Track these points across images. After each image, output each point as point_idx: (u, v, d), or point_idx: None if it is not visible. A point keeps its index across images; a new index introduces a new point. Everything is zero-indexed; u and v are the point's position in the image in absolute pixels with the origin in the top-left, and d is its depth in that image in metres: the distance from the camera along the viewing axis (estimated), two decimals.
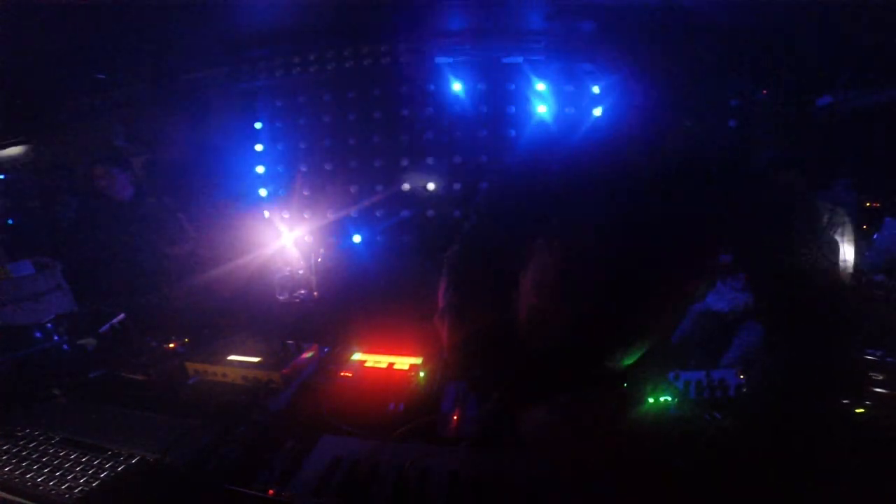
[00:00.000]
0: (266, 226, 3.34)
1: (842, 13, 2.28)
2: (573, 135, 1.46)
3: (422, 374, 1.46)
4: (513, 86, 3.30)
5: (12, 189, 3.59)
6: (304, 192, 3.61)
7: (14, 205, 3.47)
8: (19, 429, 1.17)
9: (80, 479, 0.98)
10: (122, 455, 1.06)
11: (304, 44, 3.31)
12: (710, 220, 1.20)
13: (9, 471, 1.01)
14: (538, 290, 1.16)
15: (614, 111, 1.45)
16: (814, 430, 1.12)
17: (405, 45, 3.23)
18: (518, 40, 3.14)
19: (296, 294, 3.21)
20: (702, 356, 2.67)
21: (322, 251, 3.40)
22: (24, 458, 1.05)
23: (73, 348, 1.72)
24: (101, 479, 0.98)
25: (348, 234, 3.49)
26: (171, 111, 3.50)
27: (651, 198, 1.13)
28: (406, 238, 3.53)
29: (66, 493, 0.94)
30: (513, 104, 3.33)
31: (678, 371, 1.40)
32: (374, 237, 3.56)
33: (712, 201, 1.21)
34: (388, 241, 3.56)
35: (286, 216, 3.52)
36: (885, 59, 2.72)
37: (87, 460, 1.04)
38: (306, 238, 3.41)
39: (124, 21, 2.48)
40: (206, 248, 2.97)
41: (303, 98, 3.54)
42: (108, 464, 1.03)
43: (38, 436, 1.14)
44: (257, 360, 1.50)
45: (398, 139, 3.50)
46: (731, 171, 1.39)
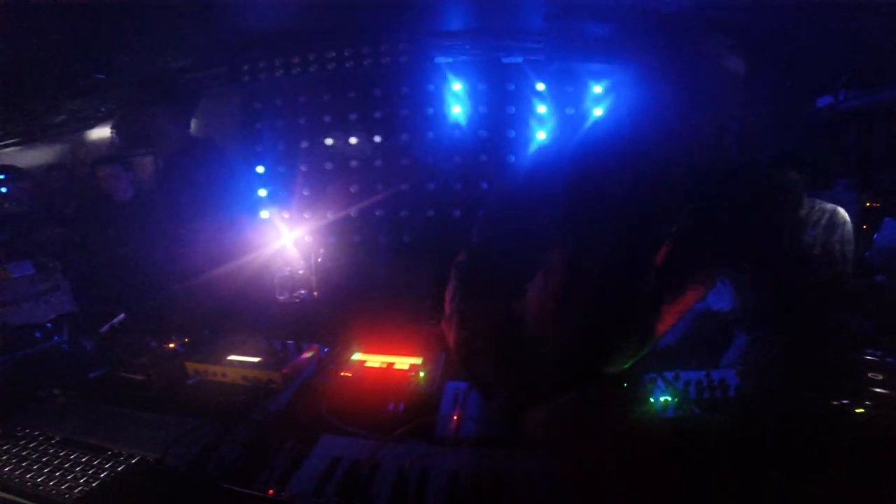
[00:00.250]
0: (266, 226, 3.34)
1: (842, 13, 2.29)
2: (576, 149, 1.46)
3: (422, 374, 1.46)
4: (512, 86, 3.30)
5: (12, 189, 3.58)
6: (305, 192, 3.61)
7: (14, 205, 3.47)
8: (19, 429, 1.17)
9: (80, 479, 0.98)
10: (122, 455, 1.06)
11: (304, 44, 3.31)
12: (710, 234, 1.22)
13: (9, 471, 1.01)
14: (541, 303, 1.20)
15: (620, 120, 1.45)
16: (813, 430, 1.12)
17: (405, 45, 3.23)
18: (518, 40, 3.14)
19: (296, 294, 3.21)
20: (702, 356, 2.67)
21: (322, 251, 3.40)
22: (24, 458, 1.05)
23: (73, 348, 1.72)
24: (101, 479, 0.98)
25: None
26: (171, 111, 3.50)
27: (654, 213, 1.15)
28: (406, 238, 3.53)
29: (66, 493, 0.94)
30: (513, 105, 3.33)
31: (678, 371, 1.40)
32: (375, 237, 3.56)
33: (713, 217, 1.24)
34: (388, 241, 3.56)
35: (286, 216, 3.52)
36: (886, 59, 2.72)
37: (87, 460, 1.04)
38: (306, 238, 3.41)
39: (124, 21, 2.49)
40: (206, 248, 2.97)
41: (303, 98, 3.54)
42: (108, 464, 1.03)
43: (38, 436, 1.14)
44: (257, 360, 1.50)
45: (398, 139, 3.50)
46: (732, 183, 1.39)
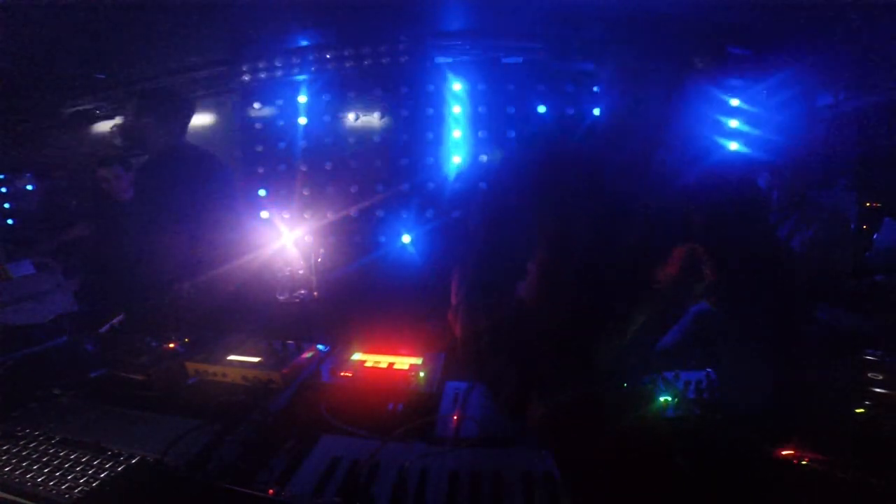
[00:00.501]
0: (266, 226, 3.34)
1: (842, 13, 2.29)
2: (565, 148, 1.51)
3: (422, 374, 1.46)
4: (512, 86, 3.30)
5: (12, 189, 3.59)
6: (304, 192, 3.61)
7: (14, 205, 3.47)
8: (19, 429, 1.17)
9: (80, 479, 0.98)
10: (122, 455, 1.06)
11: (304, 44, 3.31)
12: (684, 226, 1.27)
13: (9, 471, 1.01)
14: (528, 303, 1.28)
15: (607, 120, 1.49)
16: (813, 429, 1.12)
17: (405, 45, 3.23)
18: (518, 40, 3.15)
19: (296, 294, 3.21)
20: (702, 356, 2.67)
21: (322, 251, 3.40)
22: (24, 458, 1.05)
23: (73, 348, 1.72)
24: (101, 479, 0.98)
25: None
26: (171, 111, 3.50)
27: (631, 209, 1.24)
28: (407, 237, 3.53)
29: (66, 493, 0.94)
30: (512, 105, 3.33)
31: (678, 371, 1.40)
32: (374, 237, 3.56)
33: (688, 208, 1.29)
34: (388, 240, 3.56)
35: (286, 216, 3.52)
36: (886, 59, 2.72)
37: (87, 460, 1.04)
38: (306, 238, 3.41)
39: (124, 21, 2.49)
40: (206, 247, 2.97)
41: (303, 98, 3.54)
42: (108, 464, 1.03)
43: (38, 436, 1.14)
44: (257, 360, 1.50)
45: (398, 138, 3.50)
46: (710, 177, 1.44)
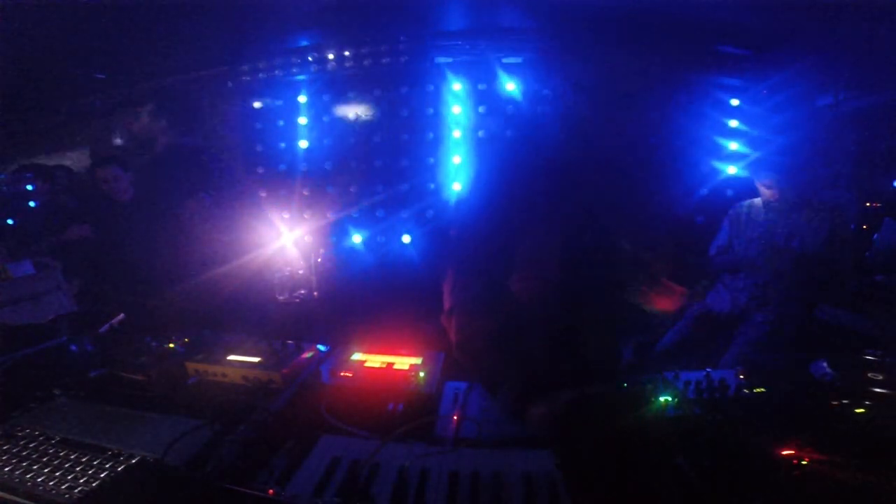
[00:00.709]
0: (266, 226, 3.34)
1: (842, 14, 2.29)
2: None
3: (422, 374, 1.46)
4: (512, 86, 3.30)
5: (12, 189, 3.58)
6: (304, 192, 3.61)
7: (14, 205, 3.47)
8: (19, 429, 1.17)
9: (80, 479, 0.98)
10: (122, 455, 1.06)
11: (304, 44, 3.31)
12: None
13: (9, 471, 1.01)
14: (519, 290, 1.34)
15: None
16: (813, 429, 1.12)
17: (405, 46, 3.23)
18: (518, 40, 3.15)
19: (296, 294, 3.21)
20: (702, 356, 2.68)
21: (322, 251, 3.40)
22: (24, 458, 1.05)
23: (73, 348, 1.72)
24: (101, 479, 0.98)
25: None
26: (172, 110, 3.50)
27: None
28: (407, 237, 3.53)
29: (66, 493, 0.94)
30: (512, 105, 3.33)
31: (678, 371, 1.40)
32: (375, 237, 3.56)
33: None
34: (388, 240, 3.56)
35: (286, 216, 3.52)
36: (886, 59, 2.72)
37: (87, 460, 1.04)
38: (306, 238, 3.41)
39: (124, 21, 2.49)
40: (207, 247, 2.97)
41: (303, 98, 3.54)
42: (108, 464, 1.03)
43: (38, 436, 1.14)
44: (257, 360, 1.50)
45: (398, 139, 3.50)
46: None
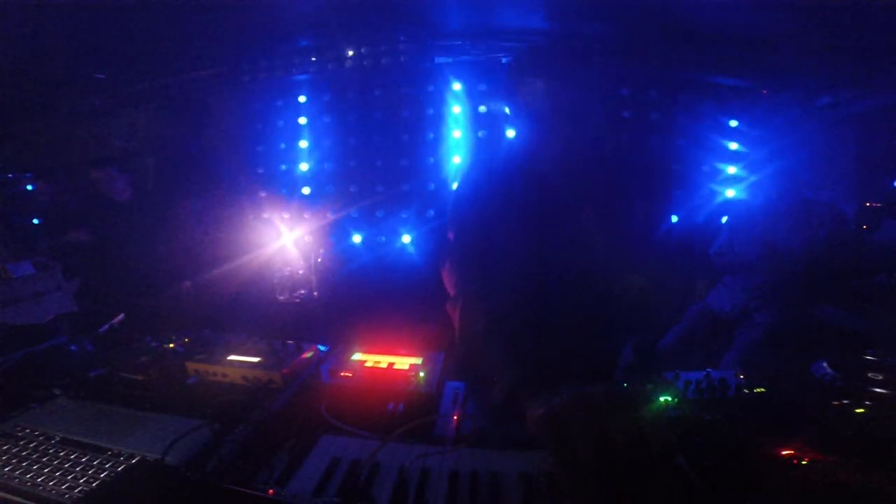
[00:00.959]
0: (266, 226, 3.35)
1: (843, 14, 2.29)
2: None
3: (422, 374, 1.46)
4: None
5: (13, 189, 3.59)
6: (305, 192, 3.61)
7: (14, 205, 3.47)
8: (19, 429, 1.17)
9: (80, 479, 0.98)
10: (122, 455, 1.06)
11: (304, 44, 3.31)
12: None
13: (9, 471, 1.01)
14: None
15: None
16: (813, 429, 1.12)
17: (405, 45, 3.23)
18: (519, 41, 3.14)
19: (296, 294, 3.22)
20: (702, 356, 2.68)
21: (322, 251, 3.40)
22: (24, 458, 1.05)
23: (73, 348, 1.72)
24: (101, 479, 0.98)
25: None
26: (171, 111, 3.50)
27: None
28: (407, 237, 3.52)
29: (66, 493, 0.94)
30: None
31: (678, 371, 1.40)
32: (375, 237, 3.56)
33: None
34: (388, 240, 3.56)
35: (286, 216, 3.52)
36: (886, 59, 2.72)
37: (87, 460, 1.04)
38: (306, 238, 3.41)
39: (124, 21, 2.49)
40: (206, 247, 2.97)
41: (303, 98, 3.54)
42: (108, 464, 1.03)
43: (38, 436, 1.14)
44: (257, 360, 1.50)
45: (398, 139, 3.50)
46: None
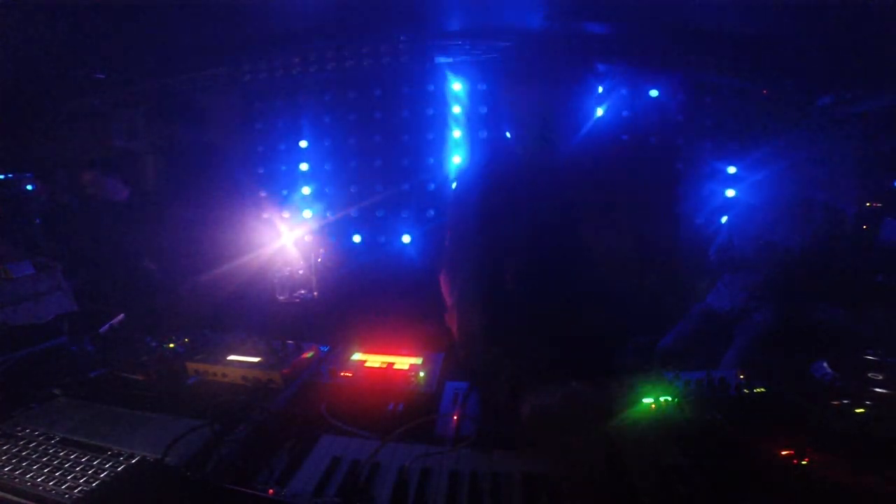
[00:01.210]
0: (266, 226, 3.35)
1: (843, 15, 2.29)
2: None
3: (422, 374, 1.46)
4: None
5: (12, 189, 3.58)
6: (305, 192, 3.61)
7: (14, 205, 3.47)
8: (19, 429, 1.17)
9: (80, 479, 0.98)
10: (122, 455, 1.06)
11: (304, 44, 3.31)
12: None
13: (9, 471, 1.01)
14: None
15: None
16: (813, 429, 1.12)
17: (405, 45, 3.23)
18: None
19: (296, 294, 3.22)
20: (702, 356, 2.68)
21: (322, 251, 3.40)
22: (24, 458, 1.05)
23: (73, 348, 1.72)
24: (101, 479, 0.98)
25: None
26: (171, 111, 3.50)
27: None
28: (407, 237, 3.53)
29: (66, 493, 0.94)
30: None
31: (678, 371, 1.40)
32: (375, 237, 3.56)
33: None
34: (388, 240, 3.56)
35: (286, 216, 3.52)
36: (886, 60, 2.72)
37: (87, 460, 1.04)
38: (306, 238, 3.41)
39: (124, 21, 2.48)
40: (206, 247, 2.97)
41: (303, 98, 3.54)
42: (108, 464, 1.03)
43: (38, 436, 1.14)
44: (257, 360, 1.50)
45: (398, 139, 3.50)
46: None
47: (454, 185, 1.60)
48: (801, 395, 1.27)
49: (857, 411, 1.18)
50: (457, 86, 3.34)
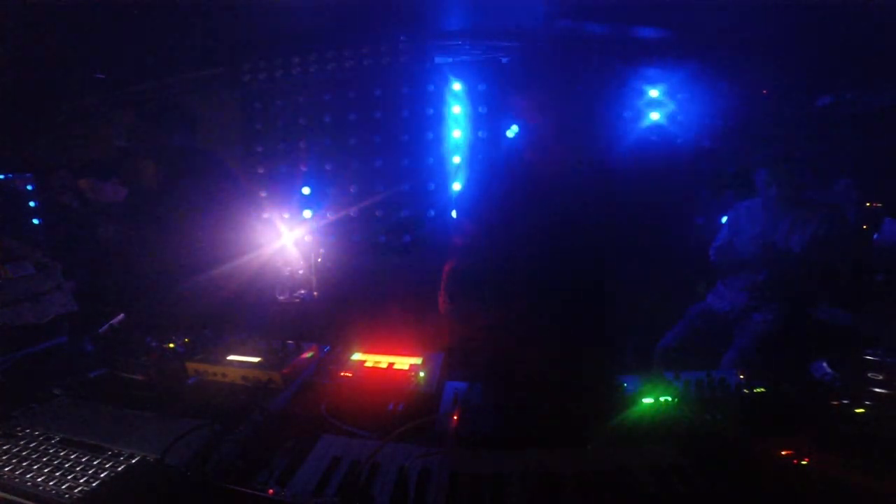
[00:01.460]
0: (266, 226, 3.34)
1: (842, 14, 2.29)
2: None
3: (422, 374, 1.46)
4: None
5: (13, 189, 3.59)
6: (304, 192, 3.61)
7: (14, 205, 3.48)
8: (19, 429, 1.17)
9: (80, 479, 0.98)
10: (122, 455, 1.06)
11: (304, 44, 3.31)
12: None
13: (9, 471, 1.01)
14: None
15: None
16: (813, 429, 1.12)
17: (405, 45, 3.23)
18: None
19: (296, 294, 3.21)
20: (702, 356, 2.68)
21: (322, 251, 3.40)
22: (24, 458, 1.05)
23: (73, 348, 1.72)
24: (101, 479, 0.98)
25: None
26: (171, 111, 3.50)
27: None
28: (407, 237, 3.53)
29: (66, 493, 0.94)
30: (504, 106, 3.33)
31: (678, 371, 1.40)
32: (374, 237, 3.56)
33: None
34: (388, 240, 3.56)
35: (286, 216, 3.52)
36: (886, 60, 2.72)
37: (87, 460, 1.04)
38: (306, 238, 3.41)
39: (124, 21, 2.48)
40: (206, 247, 2.97)
41: (303, 98, 3.54)
42: (108, 464, 1.03)
43: (38, 436, 1.14)
44: (257, 360, 1.50)
45: (398, 139, 3.50)
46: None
47: (463, 185, 1.66)
48: (801, 395, 1.27)
49: (857, 411, 1.18)
50: (457, 86, 3.34)
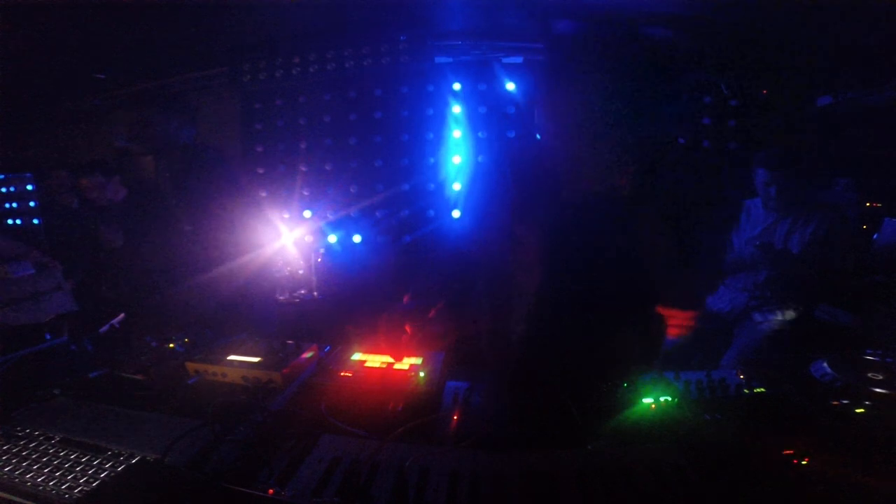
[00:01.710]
0: (266, 226, 3.34)
1: (842, 13, 2.28)
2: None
3: (422, 374, 1.46)
4: (512, 86, 3.30)
5: (13, 189, 3.59)
6: (304, 192, 3.60)
7: (14, 205, 3.48)
8: (19, 429, 1.18)
9: (80, 479, 0.98)
10: (122, 455, 1.06)
11: (304, 44, 3.31)
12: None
13: (9, 471, 1.01)
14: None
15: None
16: (813, 429, 1.12)
17: (405, 45, 3.23)
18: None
19: (296, 294, 3.22)
20: (702, 356, 2.68)
21: (322, 251, 3.40)
22: (24, 458, 1.05)
23: (73, 348, 1.72)
24: (101, 479, 0.98)
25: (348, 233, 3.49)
26: (171, 111, 3.50)
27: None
28: (407, 237, 3.53)
29: (66, 493, 0.94)
30: (513, 106, 3.33)
31: (678, 371, 1.40)
32: (374, 237, 3.56)
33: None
34: (388, 241, 3.56)
35: (286, 216, 3.52)
36: (886, 59, 2.72)
37: (87, 460, 1.04)
38: (306, 238, 3.41)
39: (124, 21, 2.48)
40: (206, 247, 2.97)
41: (303, 98, 3.54)
42: (108, 464, 1.03)
43: (38, 436, 1.14)
44: (257, 360, 1.50)
45: (398, 139, 3.50)
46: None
47: (468, 186, 1.69)
48: (801, 395, 1.27)
49: (857, 411, 1.18)
50: (457, 86, 3.34)
